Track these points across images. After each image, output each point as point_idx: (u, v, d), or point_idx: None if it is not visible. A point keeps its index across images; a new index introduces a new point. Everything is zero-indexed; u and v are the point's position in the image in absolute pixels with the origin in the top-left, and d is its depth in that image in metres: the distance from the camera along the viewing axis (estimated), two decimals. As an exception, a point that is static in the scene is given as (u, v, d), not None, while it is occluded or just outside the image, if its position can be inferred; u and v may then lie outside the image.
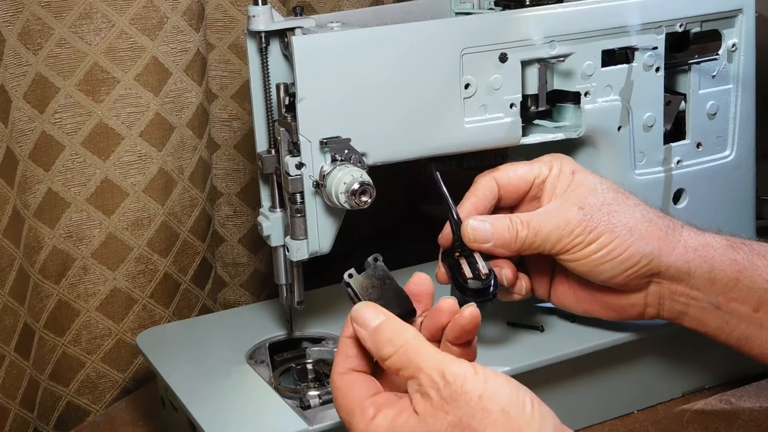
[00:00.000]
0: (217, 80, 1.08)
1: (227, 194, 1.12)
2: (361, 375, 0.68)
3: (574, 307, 0.86)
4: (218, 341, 0.93)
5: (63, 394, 0.98)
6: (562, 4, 0.88)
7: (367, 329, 0.67)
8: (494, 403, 0.61)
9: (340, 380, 0.68)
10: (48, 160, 0.93)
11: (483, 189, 0.83)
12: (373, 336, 0.66)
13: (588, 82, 0.89)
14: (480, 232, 0.80)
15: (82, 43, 0.93)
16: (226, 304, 1.15)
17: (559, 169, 0.83)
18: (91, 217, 0.97)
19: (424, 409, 0.63)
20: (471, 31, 0.85)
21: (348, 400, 0.67)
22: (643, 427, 0.90)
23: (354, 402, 0.67)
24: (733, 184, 0.97)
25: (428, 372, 0.63)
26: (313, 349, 0.91)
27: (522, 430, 0.61)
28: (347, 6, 1.16)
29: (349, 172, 0.80)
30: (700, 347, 0.89)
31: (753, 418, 0.90)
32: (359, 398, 0.67)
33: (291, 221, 0.84)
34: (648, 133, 0.92)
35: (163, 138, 0.99)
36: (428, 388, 0.63)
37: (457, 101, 0.85)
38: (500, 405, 0.61)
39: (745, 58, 0.95)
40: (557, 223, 0.80)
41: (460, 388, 0.62)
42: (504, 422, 0.61)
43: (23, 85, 0.90)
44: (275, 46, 0.85)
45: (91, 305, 0.98)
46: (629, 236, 0.79)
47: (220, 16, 1.06)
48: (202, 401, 0.82)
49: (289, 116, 0.83)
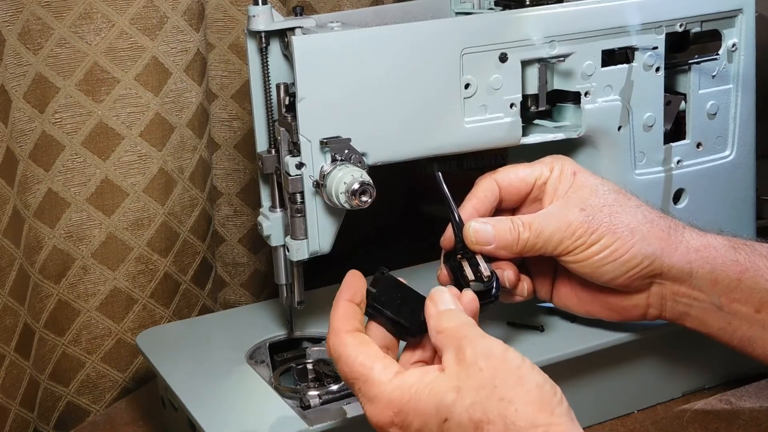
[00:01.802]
0: (217, 80, 1.08)
1: (227, 194, 1.12)
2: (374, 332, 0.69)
3: (576, 309, 0.86)
4: (218, 341, 0.93)
5: (63, 394, 0.98)
6: (562, 4, 0.88)
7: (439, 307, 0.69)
8: (531, 377, 0.62)
9: (351, 337, 0.68)
10: (48, 160, 0.93)
11: (484, 191, 0.83)
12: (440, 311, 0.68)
13: (588, 82, 0.89)
14: (482, 234, 0.80)
15: (82, 43, 0.93)
16: (226, 304, 1.15)
17: (560, 171, 0.83)
18: (91, 217, 0.97)
19: (458, 367, 0.63)
20: (471, 31, 0.85)
21: (366, 356, 0.66)
22: (643, 427, 0.90)
23: (375, 356, 0.67)
24: (733, 184, 0.97)
25: (473, 340, 0.64)
26: (313, 349, 0.91)
27: (554, 412, 0.61)
28: (347, 6, 1.16)
29: (349, 172, 0.79)
30: (700, 347, 0.89)
31: (753, 418, 0.90)
32: (380, 353, 0.67)
33: (291, 221, 0.84)
34: (648, 133, 0.92)
35: (163, 138, 0.99)
36: (466, 348, 0.64)
37: (457, 101, 0.85)
38: (535, 381, 0.62)
39: (745, 58, 0.95)
40: (559, 224, 0.80)
41: (501, 355, 0.63)
42: (536, 397, 0.61)
43: (23, 85, 0.90)
44: (275, 46, 0.85)
45: (91, 305, 0.98)
46: (631, 237, 0.79)
47: (220, 16, 1.06)
48: (202, 401, 0.82)
49: (289, 116, 0.83)
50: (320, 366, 0.88)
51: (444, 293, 0.70)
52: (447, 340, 0.66)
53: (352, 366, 0.67)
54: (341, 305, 0.70)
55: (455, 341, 0.65)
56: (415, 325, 0.71)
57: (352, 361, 0.67)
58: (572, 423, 0.61)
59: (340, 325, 0.69)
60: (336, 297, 0.71)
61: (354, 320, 0.69)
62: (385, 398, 0.65)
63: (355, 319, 0.69)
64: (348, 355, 0.67)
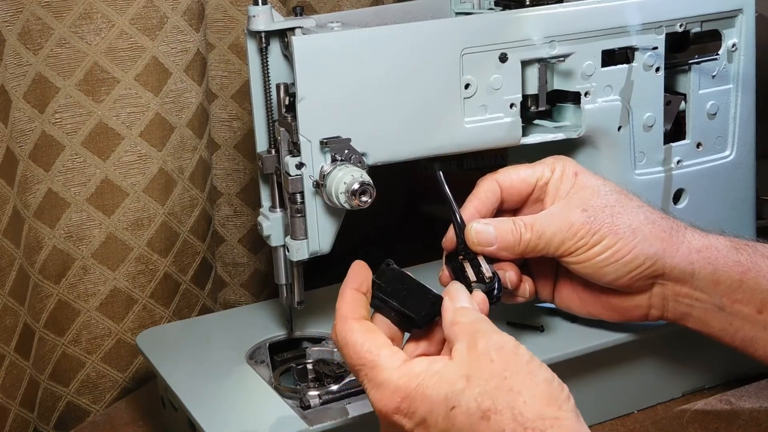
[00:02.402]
0: (217, 80, 1.08)
1: (227, 194, 1.12)
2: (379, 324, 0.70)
3: (578, 310, 0.86)
4: (218, 341, 0.93)
5: (63, 394, 0.98)
6: (562, 4, 0.88)
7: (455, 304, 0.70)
8: (540, 372, 0.63)
9: (359, 324, 0.68)
10: (48, 160, 0.93)
11: (485, 192, 0.83)
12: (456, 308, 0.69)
13: (588, 82, 0.89)
14: (483, 235, 0.80)
15: (82, 43, 0.93)
16: (226, 304, 1.15)
17: (562, 171, 0.83)
18: (91, 217, 0.97)
19: (469, 356, 0.64)
20: (471, 31, 0.85)
21: (374, 343, 0.67)
22: (643, 427, 0.90)
23: (382, 344, 0.67)
24: (733, 184, 0.97)
25: (486, 334, 0.65)
26: (313, 349, 0.91)
27: (561, 407, 0.62)
28: (347, 6, 1.16)
29: (349, 172, 0.80)
30: (700, 347, 0.89)
31: (753, 418, 0.90)
32: (387, 341, 0.68)
33: (291, 221, 0.84)
34: (648, 133, 0.92)
35: (163, 138, 0.99)
36: (479, 340, 0.64)
37: (457, 101, 0.85)
38: (544, 376, 0.63)
39: (745, 58, 0.95)
40: (561, 225, 0.80)
41: (513, 349, 0.64)
42: (545, 391, 0.62)
43: (23, 85, 0.90)
44: (275, 46, 0.85)
45: (91, 305, 0.98)
46: (633, 238, 0.79)
47: (220, 16, 1.06)
48: (202, 401, 0.82)
49: (289, 116, 0.83)
50: (320, 366, 0.88)
51: (462, 291, 0.72)
52: (460, 332, 0.67)
53: (359, 352, 0.67)
54: (348, 293, 0.70)
55: (468, 333, 0.66)
56: (421, 316, 0.71)
57: (359, 347, 0.67)
58: (579, 420, 0.62)
59: (347, 312, 0.69)
60: (342, 286, 0.71)
61: (361, 308, 0.70)
62: (392, 384, 0.65)
63: (362, 308, 0.70)
64: (355, 342, 0.67)
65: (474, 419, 0.62)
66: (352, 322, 0.68)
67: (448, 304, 0.70)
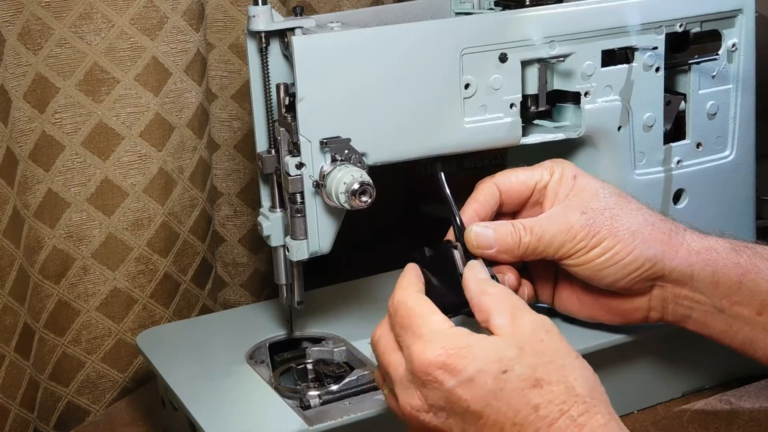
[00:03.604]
0: (217, 80, 1.08)
1: (227, 194, 1.12)
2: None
3: (578, 312, 0.86)
4: (218, 341, 0.93)
5: (63, 394, 0.98)
6: (562, 4, 0.88)
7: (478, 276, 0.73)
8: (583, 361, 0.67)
9: (418, 294, 0.71)
10: (48, 160, 0.93)
11: (485, 195, 0.83)
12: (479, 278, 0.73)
13: (588, 82, 0.89)
14: (483, 238, 0.80)
15: (82, 43, 0.93)
16: (226, 304, 1.15)
17: (561, 174, 0.83)
18: (91, 217, 0.97)
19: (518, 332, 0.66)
20: (471, 31, 0.85)
21: (427, 308, 0.69)
22: (643, 427, 0.90)
23: (435, 311, 0.69)
24: (733, 184, 0.97)
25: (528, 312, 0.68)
26: (313, 349, 0.91)
27: (602, 397, 0.65)
28: (347, 6, 1.16)
29: (349, 172, 0.80)
30: (700, 347, 0.89)
31: (753, 418, 0.90)
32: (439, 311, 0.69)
33: (291, 221, 0.84)
34: (648, 133, 0.92)
35: (163, 138, 0.99)
36: (521, 319, 0.67)
37: (457, 101, 0.85)
38: (587, 365, 0.67)
39: (745, 58, 0.95)
40: (560, 228, 0.80)
41: (558, 334, 0.68)
42: (591, 375, 0.66)
43: (23, 85, 0.90)
44: (275, 46, 0.85)
45: (91, 305, 0.98)
46: (632, 240, 0.79)
47: (220, 16, 1.06)
48: (202, 401, 0.82)
49: (289, 116, 0.83)
50: (320, 366, 0.88)
51: (480, 264, 0.75)
52: (495, 303, 0.69)
53: (411, 312, 0.69)
54: (412, 270, 0.73)
55: (506, 308, 0.68)
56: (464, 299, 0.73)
57: (411, 309, 0.69)
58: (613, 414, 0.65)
59: (408, 283, 0.72)
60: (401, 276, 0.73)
61: (421, 285, 0.73)
62: (443, 337, 0.66)
63: (421, 285, 0.73)
64: (412, 305, 0.69)
65: (526, 384, 0.64)
66: (412, 291, 0.71)
67: (469, 274, 0.73)
